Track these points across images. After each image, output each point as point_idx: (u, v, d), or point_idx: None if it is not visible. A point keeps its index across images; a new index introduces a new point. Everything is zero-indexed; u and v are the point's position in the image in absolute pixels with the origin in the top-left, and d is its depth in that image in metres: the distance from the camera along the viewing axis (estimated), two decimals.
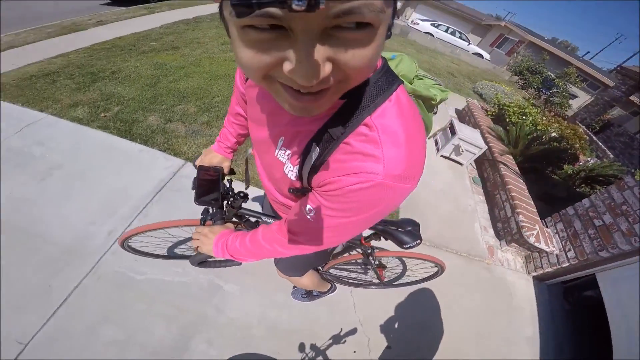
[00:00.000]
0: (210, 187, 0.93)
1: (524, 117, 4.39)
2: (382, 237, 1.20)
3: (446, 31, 16.98)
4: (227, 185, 1.00)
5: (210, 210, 0.98)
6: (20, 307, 1.44)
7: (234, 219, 1.06)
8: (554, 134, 4.27)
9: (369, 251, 1.38)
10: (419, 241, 1.11)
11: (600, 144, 6.33)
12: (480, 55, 16.00)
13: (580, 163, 4.08)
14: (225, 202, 0.98)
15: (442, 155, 3.74)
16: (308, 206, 0.52)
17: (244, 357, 1.55)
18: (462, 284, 2.27)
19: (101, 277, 1.60)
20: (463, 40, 17.00)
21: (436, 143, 3.94)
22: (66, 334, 1.41)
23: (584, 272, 2.27)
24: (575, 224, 2.45)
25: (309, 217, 0.53)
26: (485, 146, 3.53)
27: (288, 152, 0.55)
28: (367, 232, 1.26)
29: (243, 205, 1.02)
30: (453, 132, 3.59)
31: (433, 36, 15.48)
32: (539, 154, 3.79)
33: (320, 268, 1.57)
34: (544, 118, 4.60)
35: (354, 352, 1.70)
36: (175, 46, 4.51)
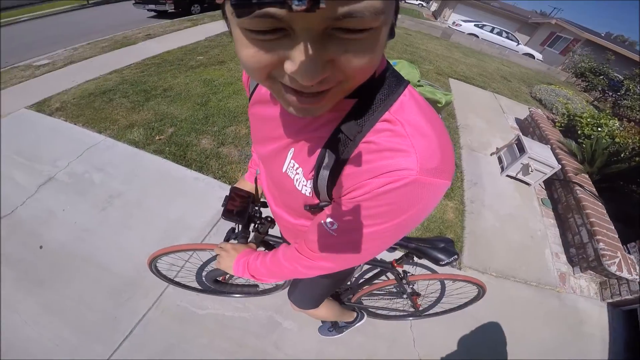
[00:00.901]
0: (238, 205, 0.94)
1: (599, 129, 3.87)
2: (414, 257, 1.16)
3: (492, 31, 16.02)
4: (256, 209, 0.99)
5: (236, 230, 0.99)
6: (89, 336, 1.48)
7: (260, 247, 1.03)
8: (633, 147, 3.69)
9: (402, 275, 1.30)
10: (455, 257, 1.07)
11: None
12: (532, 56, 14.80)
13: None
14: (252, 225, 0.99)
15: (507, 175, 3.36)
16: (329, 219, 0.47)
17: None
18: (531, 315, 2.12)
19: (164, 311, 1.61)
20: (511, 40, 15.93)
21: (500, 161, 3.56)
22: None
23: None
24: None
25: (330, 231, 0.48)
26: (558, 165, 3.13)
27: (297, 165, 0.50)
28: (398, 254, 1.24)
29: (270, 231, 1.02)
30: (521, 149, 3.22)
31: (478, 37, 14.70)
32: (619, 172, 3.30)
33: (348, 299, 1.49)
34: (622, 128, 4.02)
35: None
36: (221, 60, 4.54)
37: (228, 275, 1.38)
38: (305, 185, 0.50)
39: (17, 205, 1.92)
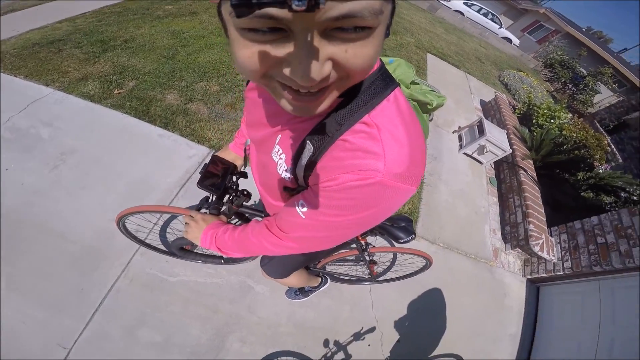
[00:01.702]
0: (215, 175, 0.93)
1: (552, 121, 4.17)
2: (376, 233, 1.25)
3: (478, 11, 15.84)
4: (234, 181, 0.99)
5: (210, 200, 0.98)
6: (58, 311, 1.43)
7: (233, 218, 1.05)
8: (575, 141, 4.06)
9: (364, 247, 1.41)
10: (413, 236, 1.16)
11: (611, 144, 6.07)
12: (510, 40, 15.03)
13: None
14: (227, 197, 0.98)
15: (464, 153, 3.59)
16: (301, 201, 0.51)
17: (275, 355, 1.63)
18: (466, 285, 2.37)
19: (133, 280, 1.58)
20: (495, 22, 15.89)
21: (460, 139, 3.77)
22: (106, 337, 1.43)
23: (573, 280, 2.42)
24: (578, 238, 2.52)
25: (301, 212, 0.51)
26: (510, 150, 3.41)
27: (282, 151, 0.54)
28: None
29: (245, 204, 1.03)
30: (481, 132, 3.43)
31: (463, 15, 14.51)
32: (558, 162, 3.67)
33: (314, 266, 1.59)
34: (571, 123, 4.34)
35: (369, 345, 1.83)
36: (193, 11, 4.20)
37: (192, 245, 1.40)
38: (286, 170, 0.54)
39: None
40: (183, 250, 1.45)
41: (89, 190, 1.81)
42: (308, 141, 0.48)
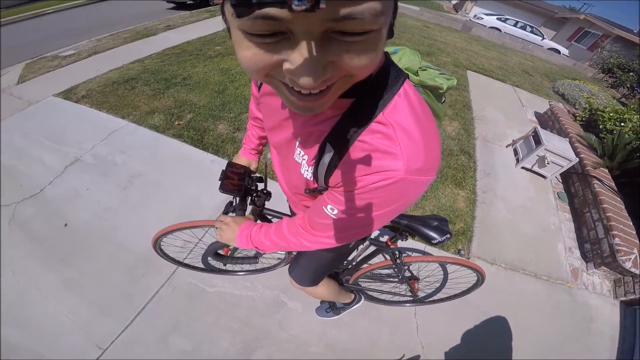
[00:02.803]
0: (235, 178, 0.97)
1: (622, 124, 3.73)
2: (407, 236, 1.15)
3: (515, 25, 15.46)
4: (252, 182, 1.02)
5: (234, 203, 1.01)
6: (104, 312, 1.54)
7: (257, 220, 1.06)
8: None
9: (397, 255, 1.30)
10: (448, 236, 1.03)
11: None
12: (557, 51, 14.22)
13: None
14: (249, 198, 1.01)
15: (522, 167, 3.30)
16: (329, 205, 0.54)
17: None
18: (538, 309, 2.08)
19: (175, 288, 1.66)
20: (535, 34, 15.32)
21: (515, 152, 3.49)
22: (140, 342, 1.48)
23: None
24: None
25: (332, 215, 0.54)
26: (575, 158, 3.04)
27: (303, 153, 0.56)
28: (391, 233, 1.21)
29: (266, 204, 1.04)
30: (537, 142, 3.16)
31: (500, 31, 14.21)
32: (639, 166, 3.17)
33: (346, 280, 1.51)
34: None
35: None
36: None
37: (231, 249, 1.44)
38: (307, 171, 0.57)
39: (45, 184, 2.05)
40: (219, 255, 1.47)
41: (149, 208, 2.01)
42: (327, 144, 0.49)
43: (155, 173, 2.24)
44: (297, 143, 0.57)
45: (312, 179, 0.56)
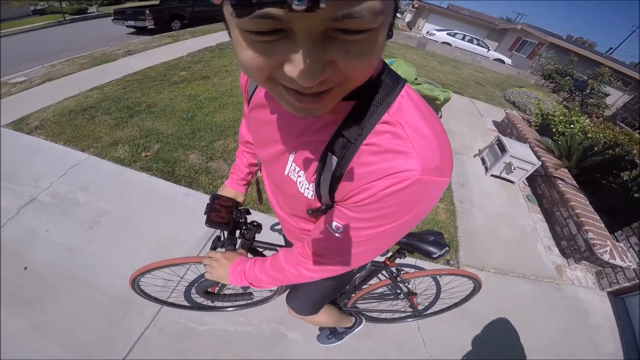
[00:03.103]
0: (222, 212, 0.91)
1: (572, 126, 4.11)
2: (406, 253, 1.14)
3: (463, 39, 16.83)
4: (241, 214, 0.96)
5: (222, 238, 0.96)
6: (85, 357, 1.42)
7: (248, 255, 0.99)
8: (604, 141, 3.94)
9: (395, 274, 1.28)
10: (447, 249, 1.06)
11: None
12: (502, 61, 15.64)
13: None
14: (237, 232, 0.96)
15: (492, 175, 3.48)
16: (334, 223, 0.47)
17: None
18: (534, 308, 2.16)
19: (162, 329, 1.55)
20: (482, 47, 16.78)
21: (483, 162, 3.68)
22: None
23: None
24: None
25: (337, 235, 0.48)
26: (538, 162, 3.28)
27: (299, 168, 0.51)
28: (388, 251, 1.20)
29: (257, 237, 0.99)
30: (502, 149, 3.37)
31: (451, 45, 15.35)
32: (595, 164, 3.50)
33: (344, 304, 1.46)
34: (592, 124, 4.27)
35: None
36: (205, 75, 4.52)
37: (219, 286, 1.35)
38: (308, 188, 0.51)
39: None
40: (208, 294, 1.38)
41: (121, 248, 1.85)
42: (329, 153, 0.45)
43: (123, 210, 2.05)
44: (292, 157, 0.52)
45: (313, 197, 0.50)
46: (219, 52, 5.91)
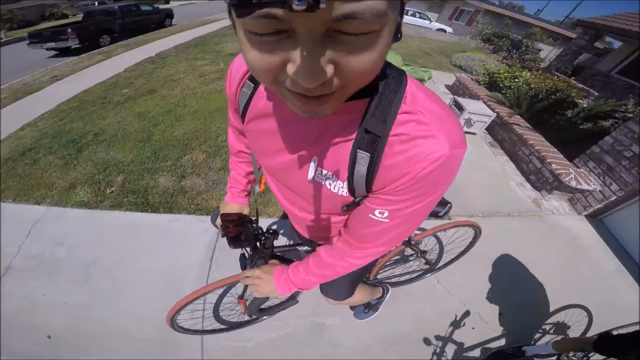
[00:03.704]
0: (239, 230, 0.89)
1: (516, 80, 4.53)
2: None
3: (406, 14, 16.93)
4: (254, 226, 0.96)
5: (247, 255, 0.96)
6: None
7: (271, 260, 1.01)
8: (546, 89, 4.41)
9: (409, 238, 1.37)
10: (450, 205, 1.13)
11: (580, 85, 6.73)
12: (444, 31, 16.44)
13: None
14: (258, 243, 0.96)
15: None
16: (377, 210, 0.51)
17: None
18: (530, 241, 2.33)
19: (216, 357, 1.51)
20: (424, 19, 17.40)
21: None
22: None
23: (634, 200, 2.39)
24: (606, 159, 2.58)
25: (382, 219, 0.52)
26: (493, 114, 3.67)
27: (326, 171, 0.52)
28: None
29: (275, 243, 1.01)
30: (460, 108, 3.69)
31: None
32: (543, 109, 4.00)
33: (367, 278, 1.54)
34: (533, 77, 4.69)
35: (473, 328, 1.74)
36: (150, 89, 4.21)
37: (251, 300, 1.36)
38: (342, 187, 0.53)
39: None
40: (263, 310, 1.39)
41: (128, 292, 1.71)
42: (358, 150, 0.47)
43: (111, 254, 1.87)
44: (314, 162, 0.53)
45: (347, 193, 0.53)
46: (161, 61, 5.52)
